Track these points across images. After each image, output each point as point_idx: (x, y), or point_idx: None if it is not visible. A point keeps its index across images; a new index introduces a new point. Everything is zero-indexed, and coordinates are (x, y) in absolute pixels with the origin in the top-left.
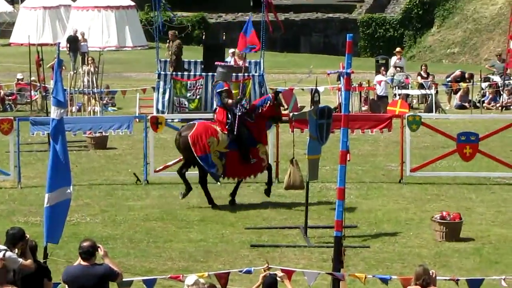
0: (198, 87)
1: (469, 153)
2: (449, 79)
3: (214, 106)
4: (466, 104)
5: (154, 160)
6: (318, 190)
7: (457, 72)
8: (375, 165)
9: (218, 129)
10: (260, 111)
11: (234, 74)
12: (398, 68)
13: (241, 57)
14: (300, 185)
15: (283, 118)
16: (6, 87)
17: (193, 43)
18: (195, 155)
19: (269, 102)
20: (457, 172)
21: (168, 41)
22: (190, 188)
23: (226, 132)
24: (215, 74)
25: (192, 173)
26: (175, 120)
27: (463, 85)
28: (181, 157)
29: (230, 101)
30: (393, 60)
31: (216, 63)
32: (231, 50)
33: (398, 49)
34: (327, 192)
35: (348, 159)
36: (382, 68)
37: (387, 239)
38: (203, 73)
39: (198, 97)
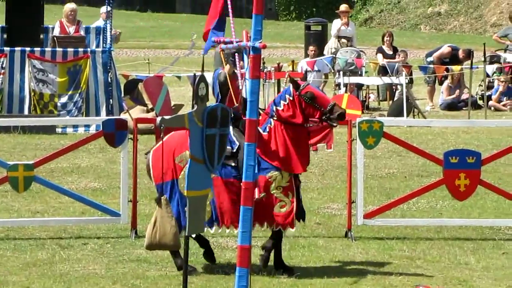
0: None
1: (464, 186)
2: (431, 58)
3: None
4: (460, 102)
5: None
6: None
7: (445, 48)
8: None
9: None
10: (275, 113)
11: (64, 49)
12: (343, 40)
13: (72, 20)
14: (172, 242)
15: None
16: None
17: None
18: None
19: (288, 97)
20: (444, 219)
21: None
22: (206, 242)
23: None
24: (214, 58)
25: None
26: None
27: (455, 69)
28: None
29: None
30: (336, 25)
31: (213, 39)
32: (69, 6)
33: (343, 6)
34: (221, 254)
35: (256, 196)
36: (311, 48)
37: None
38: (6, 48)
39: None
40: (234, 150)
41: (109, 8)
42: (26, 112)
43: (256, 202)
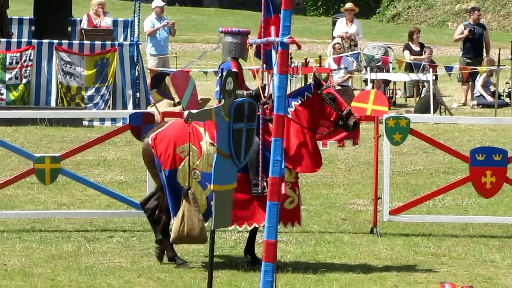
0: (26, 65)
1: (490, 184)
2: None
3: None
4: (488, 98)
5: None
6: (231, 244)
7: (473, 44)
8: (329, 202)
9: (205, 134)
10: (290, 113)
11: (92, 42)
12: (347, 40)
13: (100, 13)
14: (200, 236)
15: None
16: None
17: None
18: (161, 168)
19: (307, 94)
20: (471, 216)
21: None
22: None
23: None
24: (222, 48)
25: None
26: None
27: (481, 69)
28: None
29: (242, 92)
30: (340, 25)
31: (221, 29)
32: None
33: (348, 5)
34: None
35: (283, 191)
36: (337, 46)
37: None
38: (34, 40)
39: (25, 81)
40: None
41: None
42: (53, 104)
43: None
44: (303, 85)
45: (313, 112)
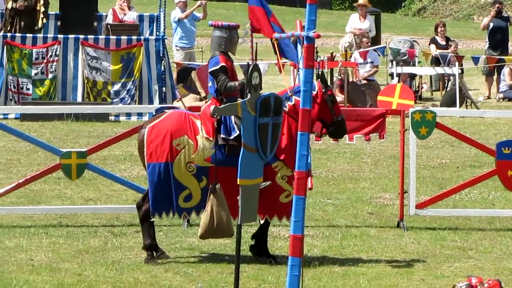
0: (52, 60)
1: None
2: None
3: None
4: None
5: None
6: None
7: (498, 37)
8: (356, 196)
9: (201, 128)
10: (287, 107)
11: (121, 37)
12: (357, 36)
13: (125, 7)
14: (227, 230)
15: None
16: None
17: None
18: (145, 161)
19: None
20: (497, 210)
21: None
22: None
23: (212, 138)
24: (211, 42)
25: None
26: (9, 117)
27: (507, 60)
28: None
29: (234, 83)
30: (352, 20)
31: (211, 23)
32: None
33: (361, 0)
34: (272, 243)
35: (309, 186)
36: (365, 40)
37: None
38: (60, 35)
39: (51, 76)
40: (231, 137)
41: None
42: (79, 99)
43: (260, 192)
44: (328, 79)
45: (312, 109)
